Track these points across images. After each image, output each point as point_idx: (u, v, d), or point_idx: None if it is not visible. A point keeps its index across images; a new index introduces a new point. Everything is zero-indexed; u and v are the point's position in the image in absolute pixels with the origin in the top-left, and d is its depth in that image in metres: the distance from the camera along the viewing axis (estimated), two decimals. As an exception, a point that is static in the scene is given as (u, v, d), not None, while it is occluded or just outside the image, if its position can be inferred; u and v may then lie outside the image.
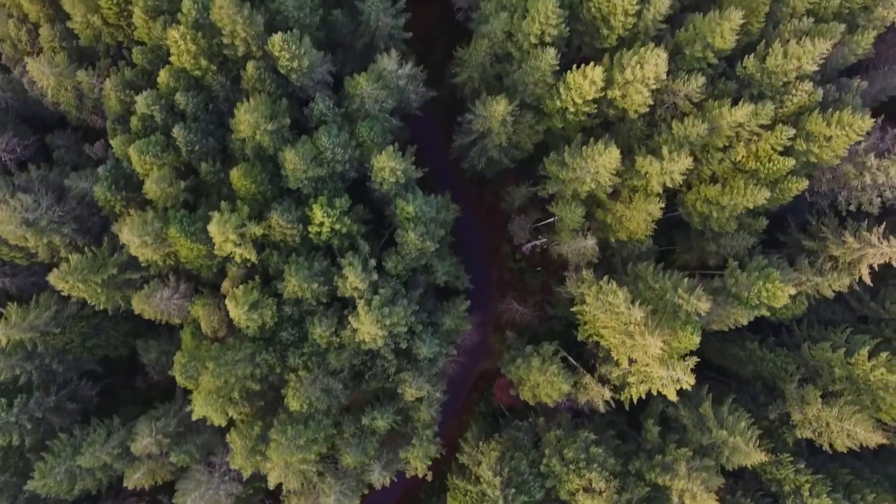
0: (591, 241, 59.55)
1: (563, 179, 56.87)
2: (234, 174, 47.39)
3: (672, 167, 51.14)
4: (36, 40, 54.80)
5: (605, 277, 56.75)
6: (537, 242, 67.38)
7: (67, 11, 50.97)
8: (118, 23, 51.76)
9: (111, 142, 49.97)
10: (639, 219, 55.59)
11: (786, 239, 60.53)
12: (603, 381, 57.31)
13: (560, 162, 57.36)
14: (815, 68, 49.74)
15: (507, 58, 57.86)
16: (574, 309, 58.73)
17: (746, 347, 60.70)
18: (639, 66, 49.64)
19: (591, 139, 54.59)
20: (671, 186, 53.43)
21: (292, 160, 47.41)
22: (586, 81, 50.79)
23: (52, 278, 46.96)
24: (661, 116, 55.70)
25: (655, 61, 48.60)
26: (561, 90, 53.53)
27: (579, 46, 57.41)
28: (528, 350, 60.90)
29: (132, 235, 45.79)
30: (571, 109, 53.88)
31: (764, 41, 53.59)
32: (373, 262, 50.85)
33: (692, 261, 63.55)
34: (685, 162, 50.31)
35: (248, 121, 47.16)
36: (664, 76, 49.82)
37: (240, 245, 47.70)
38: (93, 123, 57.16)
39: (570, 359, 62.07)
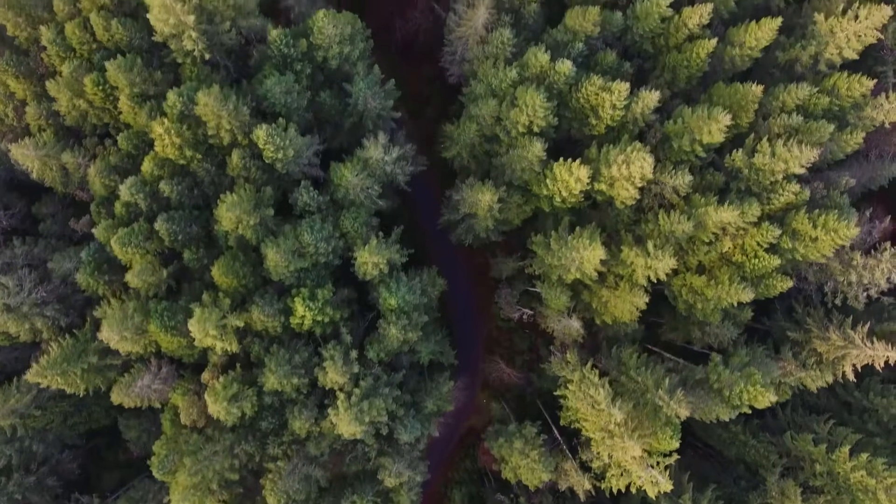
0: (576, 324, 59.49)
1: (548, 263, 56.67)
2: (216, 271, 47.27)
3: (657, 264, 50.95)
4: (22, 117, 54.63)
5: (589, 364, 56.75)
6: (525, 313, 67.21)
7: (52, 94, 50.75)
8: (104, 105, 51.54)
9: (94, 230, 49.73)
10: (623, 307, 55.43)
11: (771, 324, 60.34)
12: (584, 467, 57.25)
13: (546, 244, 57.21)
14: (803, 171, 49.48)
15: (495, 139, 57.64)
16: (557, 393, 58.63)
17: (730, 430, 60.64)
18: (625, 164, 49.42)
19: (578, 228, 54.44)
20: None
21: (274, 258, 47.29)
22: (572, 178, 50.61)
23: (31, 376, 46.87)
24: (648, 205, 55.46)
25: (641, 163, 48.37)
26: (548, 180, 53.34)
27: (568, 130, 57.14)
28: (511, 429, 60.83)
29: (111, 333, 45.71)
30: (558, 199, 53.68)
31: (753, 135, 53.36)
32: (354, 353, 50.73)
33: (678, 337, 63.48)
34: (669, 262, 50.14)
35: (230, 217, 46.99)
36: (650, 175, 49.57)
37: (221, 338, 47.59)
38: (79, 197, 57.00)
39: (555, 430, 62.16)
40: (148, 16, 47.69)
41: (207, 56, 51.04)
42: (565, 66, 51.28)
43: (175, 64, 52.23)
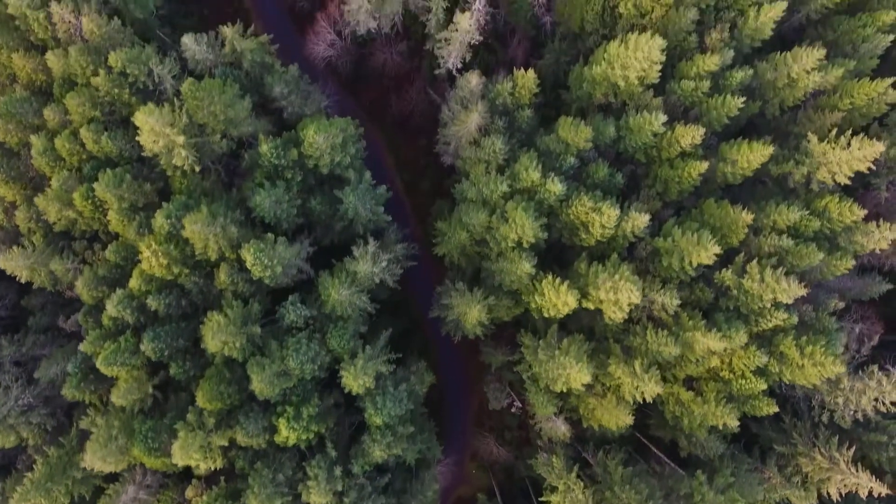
0: (563, 427, 59.53)
1: (535, 371, 56.63)
2: (200, 396, 47.27)
3: (643, 386, 50.90)
4: (12, 218, 54.57)
5: (574, 472, 56.79)
6: (515, 405, 67.23)
7: (41, 207, 50.68)
8: (94, 216, 51.47)
9: (80, 346, 49.71)
10: (610, 419, 55.42)
11: (759, 430, 60.20)
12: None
13: (534, 348, 57.18)
14: (790, 302, 49.35)
15: (486, 243, 57.51)
16: (542, 499, 58.64)
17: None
18: (612, 290, 49.32)
19: (566, 341, 54.36)
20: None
21: (259, 385, 47.27)
22: (560, 301, 50.51)
23: (14, 501, 46.93)
24: (636, 316, 55.30)
25: (629, 293, 48.25)
26: (537, 296, 53.26)
27: (559, 238, 56.98)
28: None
29: (95, 459, 45.78)
30: (548, 313, 53.54)
31: (743, 253, 53.19)
32: (338, 470, 50.71)
33: (666, 436, 63.37)
34: (655, 388, 50.10)
35: (216, 343, 46.95)
36: (638, 301, 49.43)
37: (205, 457, 47.65)
38: (69, 295, 56.97)
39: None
40: (137, 138, 47.53)
41: (197, 168, 50.95)
42: (556, 187, 51.13)
43: (165, 173, 52.11)
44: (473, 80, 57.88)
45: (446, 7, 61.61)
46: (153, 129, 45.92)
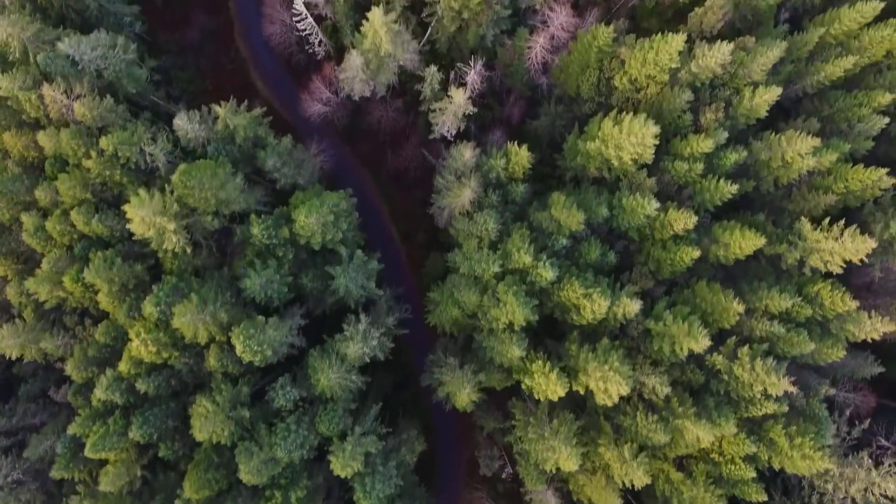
0: (554, 500, 59.46)
1: (525, 448, 56.59)
2: (188, 486, 47.27)
3: (631, 473, 50.86)
4: (3, 293, 54.52)
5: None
6: (506, 472, 67.24)
7: (31, 290, 50.59)
8: (84, 295, 51.41)
9: (70, 427, 49.71)
10: (600, 498, 55.41)
11: (749, 506, 60.12)
12: None
13: (525, 421, 57.18)
14: (780, 394, 49.25)
15: (477, 317, 57.40)
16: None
17: None
18: (602, 380, 49.24)
19: (556, 420, 54.32)
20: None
21: (247, 474, 47.25)
22: (549, 388, 50.45)
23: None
24: (628, 395, 55.13)
25: (618, 386, 48.20)
26: (527, 377, 53.19)
27: (551, 314, 56.86)
28: None
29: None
30: (538, 394, 53.42)
31: (734, 337, 53.07)
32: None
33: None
34: (643, 478, 50.07)
35: (204, 433, 46.92)
36: (627, 392, 49.34)
37: (192, 544, 47.73)
38: (60, 366, 56.94)
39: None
40: (128, 226, 47.45)
41: (189, 249, 50.86)
42: (547, 273, 51.02)
43: (156, 252, 51.99)
44: (467, 153, 57.74)
45: (441, 79, 61.41)
46: (144, 219, 45.82)
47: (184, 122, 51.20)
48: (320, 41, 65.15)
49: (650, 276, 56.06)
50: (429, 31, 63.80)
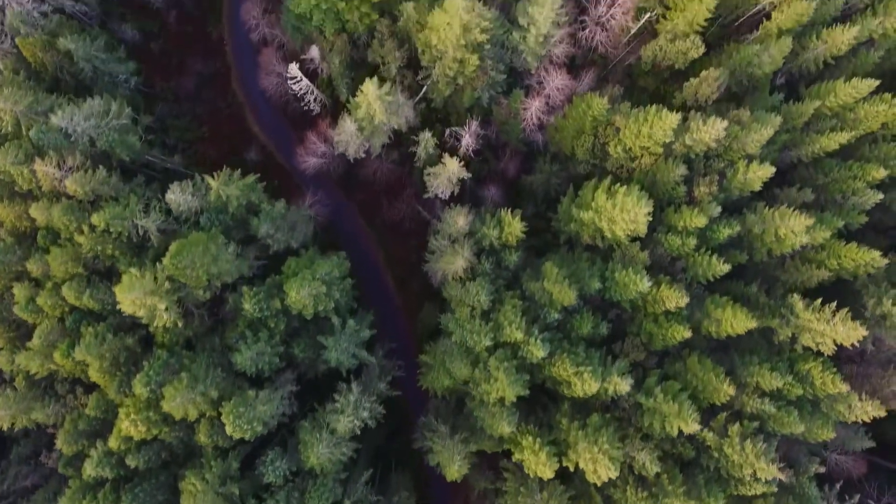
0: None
1: (516, 510, 56.69)
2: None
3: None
4: (-5, 360, 54.54)
5: None
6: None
7: (23, 366, 50.60)
8: (75, 368, 51.46)
9: (59, 501, 49.77)
10: (589, 570, 55.47)
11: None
12: None
13: (516, 490, 57.19)
14: (769, 479, 49.25)
15: (469, 386, 57.39)
16: None
17: None
18: (591, 461, 49.26)
19: (545, 493, 54.35)
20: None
21: (235, 557, 47.34)
22: (539, 466, 50.47)
23: None
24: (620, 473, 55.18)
25: (606, 470, 48.23)
26: (517, 450, 53.21)
27: (542, 383, 56.82)
28: None
29: None
30: (528, 469, 53.44)
31: (725, 413, 53.05)
32: None
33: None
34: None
35: (193, 513, 47.03)
36: (615, 476, 49.36)
37: None
38: (51, 431, 57.02)
39: None
40: (118, 306, 47.46)
41: (180, 323, 50.83)
42: (538, 350, 51.02)
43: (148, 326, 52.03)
44: (461, 220, 57.66)
45: (435, 143, 61.32)
46: (134, 301, 45.84)
47: (176, 196, 51.15)
48: (316, 97, 65.04)
49: (642, 347, 55.98)
50: (424, 90, 63.63)
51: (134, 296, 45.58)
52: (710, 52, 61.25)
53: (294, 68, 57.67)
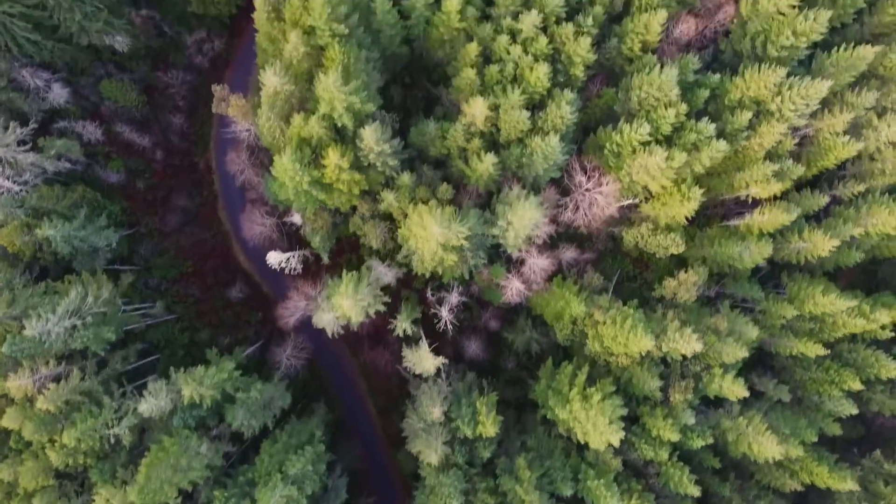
0: None
1: None
2: None
3: None
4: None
5: None
6: None
7: None
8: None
9: None
10: None
11: None
12: None
13: None
14: None
15: None
16: None
17: None
18: None
19: None
20: None
21: None
22: None
23: None
24: None
25: None
26: None
27: None
28: None
29: None
30: None
31: None
32: None
33: None
34: None
35: None
36: None
37: None
38: None
39: None
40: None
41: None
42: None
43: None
44: (436, 412, 57.66)
45: (414, 329, 61.24)
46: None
47: (150, 405, 51.15)
48: (297, 261, 64.90)
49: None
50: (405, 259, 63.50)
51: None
52: (691, 240, 60.95)
53: (272, 257, 57.64)
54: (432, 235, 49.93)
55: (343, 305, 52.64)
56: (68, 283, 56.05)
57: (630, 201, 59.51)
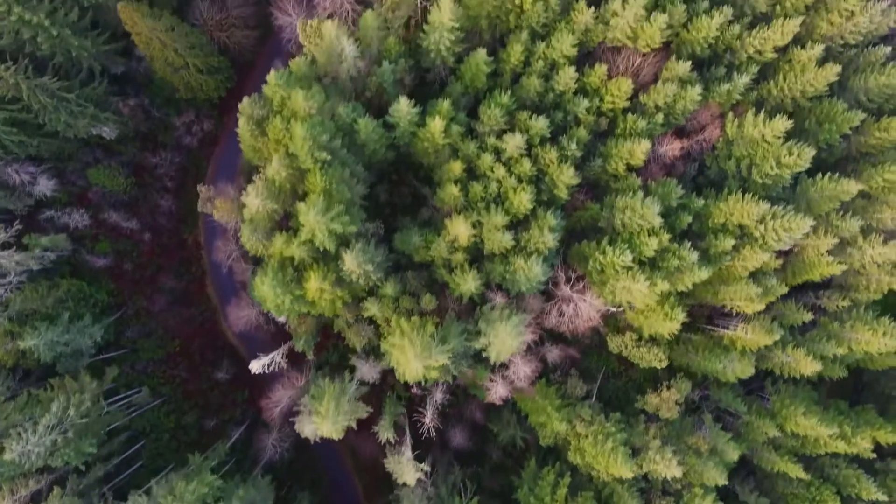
0: None
1: None
2: None
3: None
4: None
5: None
6: None
7: None
8: None
9: None
10: None
11: None
12: None
13: None
14: None
15: None
16: None
17: None
18: None
19: None
20: None
21: None
22: None
23: None
24: None
25: None
26: None
27: None
28: None
29: None
30: None
31: None
32: None
33: None
34: None
35: None
36: None
37: None
38: None
39: None
40: None
41: None
42: None
43: None
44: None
45: (397, 438, 61.26)
46: None
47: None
48: (281, 360, 64.88)
49: None
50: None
51: None
52: (676, 343, 60.84)
53: (255, 364, 57.62)
54: (413, 369, 49.91)
55: (323, 428, 52.59)
56: (50, 391, 56.00)
57: (615, 309, 59.38)
